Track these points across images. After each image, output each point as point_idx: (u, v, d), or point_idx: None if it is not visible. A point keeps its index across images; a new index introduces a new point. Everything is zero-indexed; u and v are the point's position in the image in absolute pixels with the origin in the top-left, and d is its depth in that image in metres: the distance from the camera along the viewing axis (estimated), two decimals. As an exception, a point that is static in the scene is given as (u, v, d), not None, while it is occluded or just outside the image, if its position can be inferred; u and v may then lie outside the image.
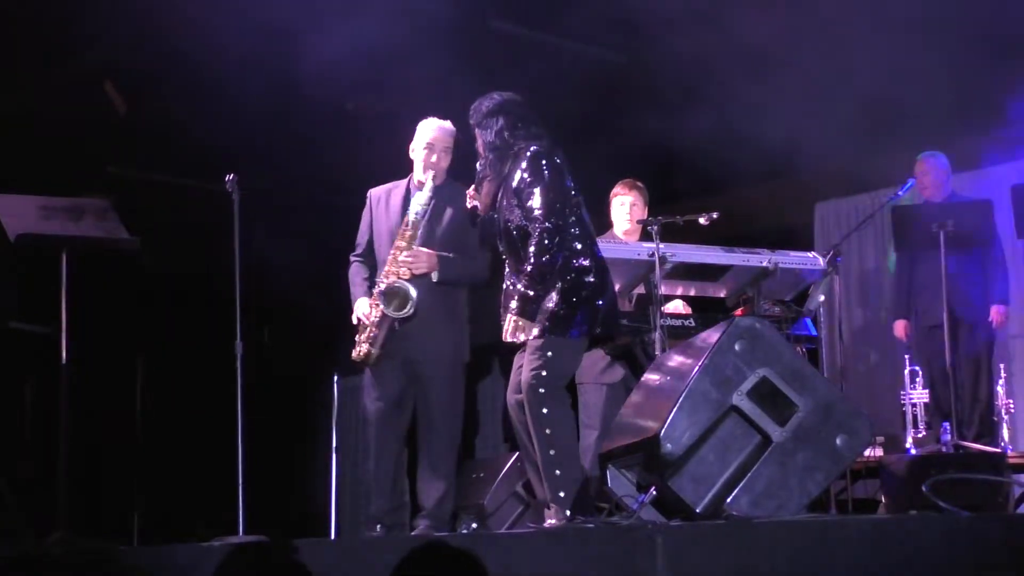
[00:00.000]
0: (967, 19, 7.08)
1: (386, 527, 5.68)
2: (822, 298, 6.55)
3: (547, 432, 4.91)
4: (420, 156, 5.78)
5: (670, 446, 4.37)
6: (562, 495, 4.87)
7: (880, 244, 8.86)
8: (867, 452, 6.66)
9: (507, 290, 5.16)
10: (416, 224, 5.67)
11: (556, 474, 4.89)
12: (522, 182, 5.06)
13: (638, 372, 5.95)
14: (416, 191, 5.76)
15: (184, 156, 8.32)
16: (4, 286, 7.43)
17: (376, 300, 5.65)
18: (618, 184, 6.72)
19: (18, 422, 7.44)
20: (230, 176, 5.89)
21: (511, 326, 5.01)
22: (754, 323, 4.60)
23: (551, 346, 4.95)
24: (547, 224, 4.97)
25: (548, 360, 4.94)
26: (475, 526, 6.21)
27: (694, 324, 6.19)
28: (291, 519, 8.22)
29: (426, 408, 5.70)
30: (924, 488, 4.44)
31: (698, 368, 4.46)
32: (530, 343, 4.99)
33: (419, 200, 5.70)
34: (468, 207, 5.35)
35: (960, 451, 6.77)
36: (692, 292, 6.63)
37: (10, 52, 7.49)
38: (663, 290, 6.09)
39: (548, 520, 4.90)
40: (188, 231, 8.29)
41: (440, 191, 5.77)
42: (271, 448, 8.46)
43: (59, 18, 7.18)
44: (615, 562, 3.41)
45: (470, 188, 5.32)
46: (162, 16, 7.11)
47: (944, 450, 6.80)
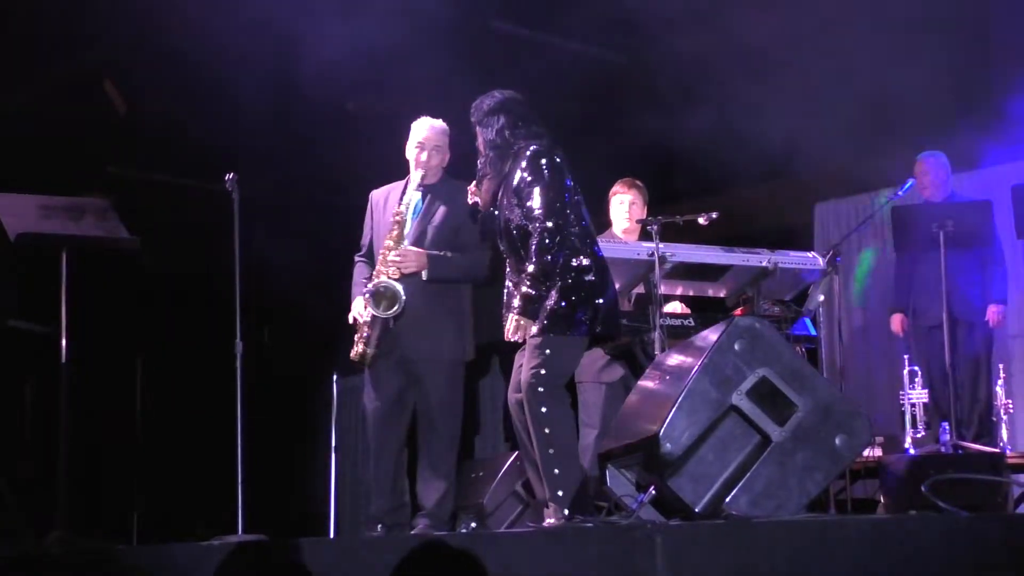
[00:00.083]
0: (967, 19, 7.09)
1: (386, 527, 5.67)
2: (821, 298, 6.55)
3: (546, 431, 4.91)
4: (412, 155, 5.80)
5: (669, 446, 4.37)
6: (561, 494, 4.87)
7: (880, 244, 8.86)
8: (866, 452, 6.66)
9: (508, 289, 5.16)
10: (402, 223, 5.68)
11: (555, 473, 4.89)
12: (522, 181, 5.06)
13: (637, 371, 5.95)
14: (411, 191, 5.77)
15: (184, 156, 8.32)
16: (4, 285, 7.43)
17: (366, 301, 5.65)
18: (617, 183, 6.72)
19: (18, 422, 7.45)
20: (230, 176, 5.90)
21: (513, 325, 5.01)
22: (754, 323, 4.59)
23: (550, 345, 4.95)
24: (548, 224, 4.97)
25: (547, 358, 4.94)
26: (474, 526, 6.20)
27: (694, 324, 6.19)
28: (291, 519, 8.23)
29: (424, 407, 5.70)
30: (923, 488, 4.44)
31: (697, 368, 4.45)
32: (530, 342, 4.99)
33: (405, 199, 5.71)
34: (469, 204, 5.35)
35: (959, 451, 6.77)
36: (692, 292, 6.63)
37: (10, 52, 7.49)
38: (663, 290, 6.09)
39: (547, 519, 4.90)
40: (188, 231, 8.30)
41: (434, 189, 5.77)
42: (271, 448, 8.46)
43: (59, 17, 7.18)
44: (614, 562, 3.40)
45: (471, 185, 5.32)
46: (162, 16, 7.12)
47: (943, 450, 6.80)
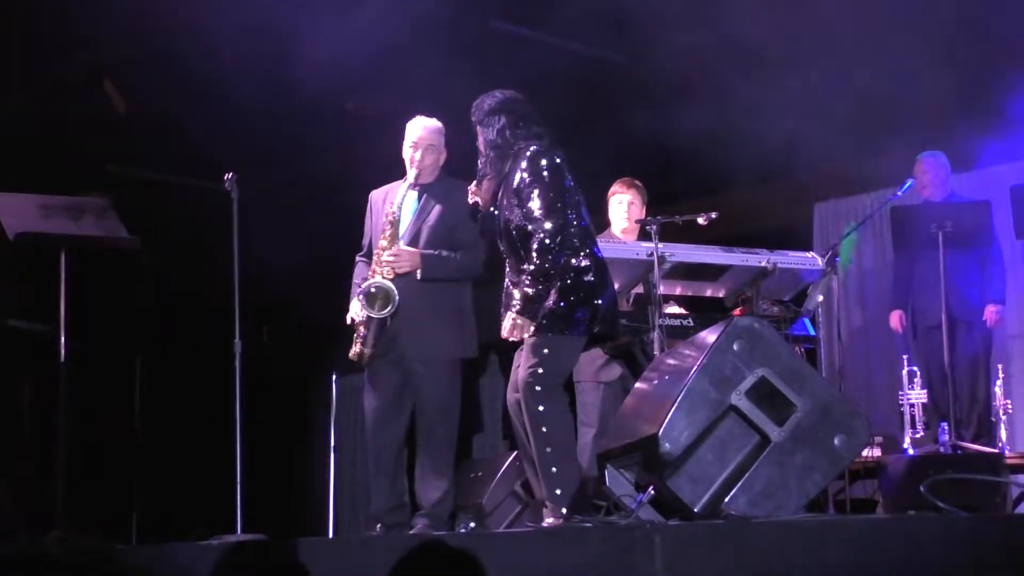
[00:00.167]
0: (966, 19, 7.08)
1: (386, 527, 5.67)
2: (820, 298, 6.55)
3: (543, 429, 4.91)
4: (407, 155, 5.80)
5: (668, 445, 4.37)
6: (558, 492, 4.87)
7: (879, 244, 8.86)
8: (865, 452, 6.66)
9: (507, 289, 5.16)
10: (395, 223, 5.68)
11: (552, 471, 4.90)
12: (522, 182, 5.06)
13: (636, 371, 5.95)
14: (409, 191, 5.77)
15: (184, 156, 8.32)
16: (3, 285, 7.43)
17: (360, 301, 5.65)
18: (616, 183, 6.72)
19: (17, 421, 7.45)
20: (229, 175, 5.90)
21: (510, 323, 5.02)
22: (753, 323, 4.59)
23: (549, 344, 4.96)
24: (548, 224, 4.97)
25: (545, 357, 4.94)
26: (473, 525, 6.20)
27: (692, 324, 6.19)
28: (289, 518, 8.22)
29: (421, 406, 5.70)
30: (922, 488, 4.43)
31: (696, 368, 4.45)
32: (528, 341, 4.99)
33: (398, 199, 5.72)
34: (469, 204, 5.35)
35: (958, 451, 6.77)
36: (691, 292, 6.63)
37: (9, 52, 7.49)
38: (662, 290, 6.09)
39: (546, 519, 4.90)
40: (188, 231, 8.29)
41: (430, 188, 5.77)
42: (270, 447, 8.46)
43: (58, 17, 7.18)
44: (613, 562, 3.41)
45: (471, 184, 5.32)
46: (161, 15, 7.11)
47: (942, 450, 6.79)
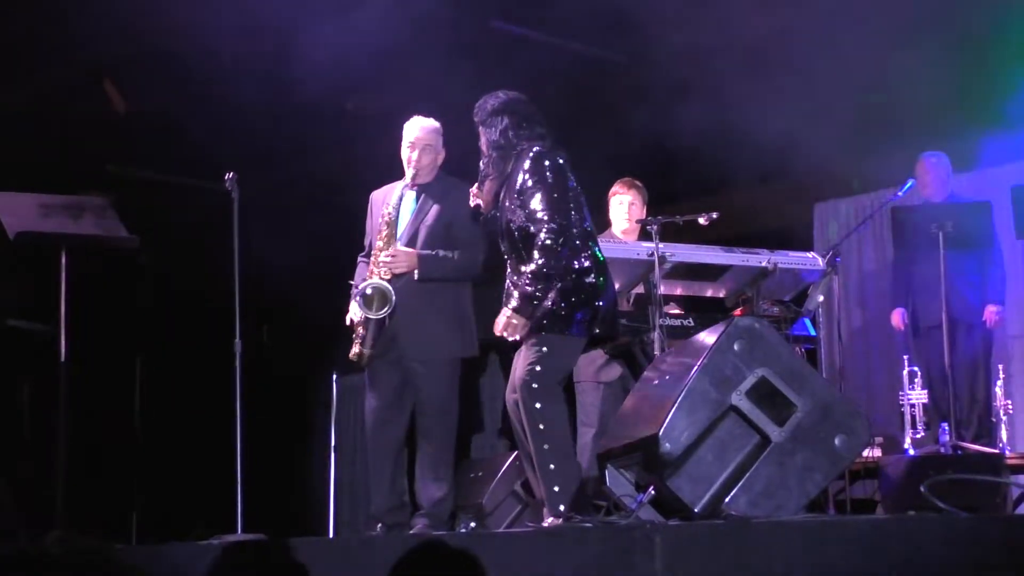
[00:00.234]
0: (966, 18, 7.08)
1: (386, 527, 5.67)
2: (821, 298, 6.55)
3: (541, 427, 4.91)
4: (404, 155, 5.80)
5: (669, 446, 4.37)
6: (557, 490, 4.87)
7: (880, 245, 8.86)
8: (865, 452, 6.66)
9: (508, 289, 5.15)
10: (391, 223, 5.67)
11: (550, 469, 4.89)
12: (525, 183, 5.05)
13: (636, 371, 5.95)
14: (407, 191, 5.77)
15: (184, 156, 8.31)
16: (3, 285, 7.43)
17: (358, 302, 5.65)
18: (617, 183, 6.72)
19: (16, 421, 7.45)
20: (230, 175, 5.89)
21: (503, 320, 5.01)
22: (753, 323, 4.59)
23: (548, 343, 4.96)
24: (551, 225, 4.96)
25: (544, 356, 4.94)
26: (473, 525, 6.20)
27: (693, 324, 6.19)
28: (289, 518, 8.22)
29: (420, 406, 5.69)
30: (922, 489, 4.44)
31: (697, 368, 4.45)
32: (528, 341, 4.99)
33: (394, 199, 5.71)
34: (471, 206, 5.34)
35: (958, 452, 6.77)
36: (691, 292, 6.62)
37: (9, 52, 7.49)
38: (662, 290, 6.09)
39: (546, 520, 4.90)
40: (188, 230, 8.29)
41: (428, 188, 5.77)
42: (270, 447, 8.46)
43: (58, 18, 7.17)
44: (613, 562, 3.41)
45: (473, 187, 5.31)
46: (161, 15, 7.11)
47: (942, 451, 6.79)
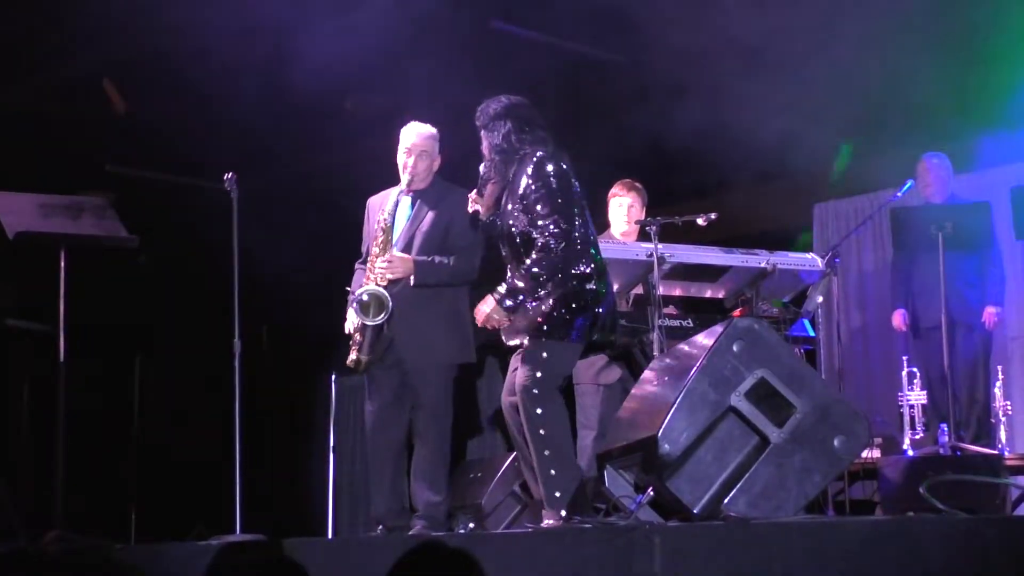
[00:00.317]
0: (966, 18, 7.09)
1: (387, 529, 5.67)
2: (820, 299, 6.55)
3: (541, 432, 4.91)
4: (400, 160, 5.80)
5: (668, 447, 4.37)
6: (557, 495, 4.87)
7: (879, 246, 8.87)
8: (865, 453, 6.66)
9: None
10: (387, 229, 5.67)
11: (551, 474, 4.89)
12: (528, 187, 5.05)
13: (636, 373, 5.94)
14: (402, 196, 5.77)
15: (184, 156, 8.31)
16: (3, 284, 7.43)
17: (355, 308, 5.64)
18: (616, 184, 6.71)
19: (16, 420, 7.45)
20: (229, 175, 5.89)
21: (486, 309, 5.02)
22: (752, 324, 4.60)
23: (547, 349, 4.95)
24: (554, 229, 4.96)
25: (543, 362, 4.94)
26: (472, 526, 6.19)
27: (692, 325, 6.19)
28: (289, 518, 8.22)
29: (415, 410, 5.69)
30: (921, 490, 4.45)
31: (696, 369, 4.46)
32: (526, 345, 4.99)
33: (390, 205, 5.71)
34: (469, 211, 5.34)
35: (958, 453, 6.77)
36: (691, 293, 6.62)
37: (9, 52, 7.49)
38: (661, 291, 6.09)
39: (545, 520, 4.90)
40: (188, 230, 8.29)
41: (423, 194, 5.76)
42: (269, 447, 8.46)
43: (58, 18, 7.17)
44: (612, 562, 3.41)
45: (472, 192, 5.31)
46: (161, 15, 7.11)
47: (942, 452, 6.80)
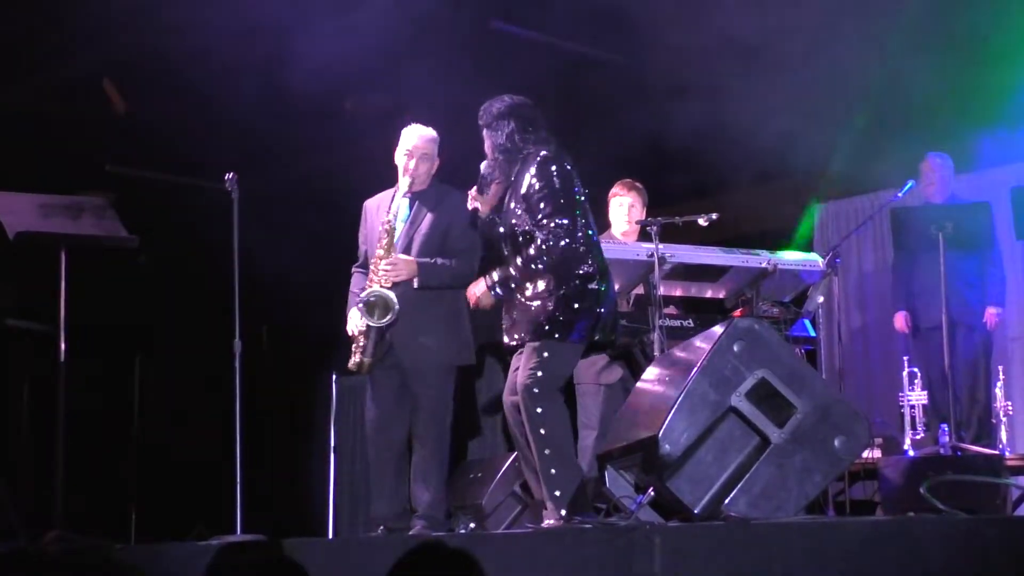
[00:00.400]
0: (966, 19, 7.09)
1: (387, 530, 5.66)
2: (821, 299, 6.55)
3: (542, 432, 4.91)
4: (401, 163, 5.79)
5: (668, 447, 4.37)
6: (558, 494, 4.87)
7: (880, 246, 8.87)
8: (865, 454, 6.66)
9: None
10: (391, 231, 5.67)
11: (552, 473, 4.89)
12: (531, 187, 5.05)
13: (636, 373, 5.94)
14: (399, 198, 5.76)
15: (184, 156, 8.31)
16: (3, 285, 7.43)
17: (360, 310, 5.64)
18: (616, 184, 6.71)
19: (16, 420, 7.45)
20: (230, 175, 5.89)
21: (478, 288, 5.14)
22: (753, 324, 4.60)
23: (548, 349, 4.96)
24: (557, 230, 4.95)
25: (544, 361, 4.94)
26: (472, 526, 6.19)
27: (693, 325, 6.19)
28: (289, 518, 8.21)
29: (416, 411, 5.69)
30: (922, 490, 4.44)
31: (697, 369, 4.46)
32: (528, 345, 5.00)
33: (400, 207, 5.71)
34: (468, 209, 5.34)
35: (958, 453, 6.77)
36: (691, 293, 6.62)
37: (10, 52, 7.48)
38: (662, 291, 6.09)
39: (546, 520, 4.90)
40: (188, 230, 8.28)
41: (422, 196, 5.76)
42: (270, 447, 8.45)
43: (58, 17, 7.17)
44: (613, 563, 3.41)
45: (471, 190, 5.31)
46: (161, 15, 7.11)
47: (942, 452, 6.79)
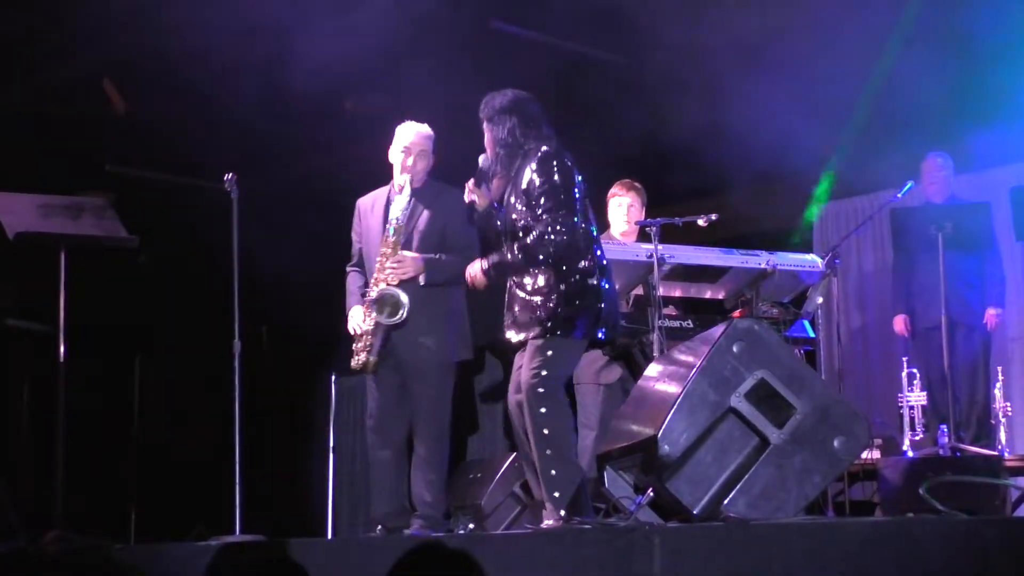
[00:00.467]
0: (965, 19, 7.09)
1: (387, 530, 5.67)
2: (820, 300, 6.55)
3: (544, 432, 4.90)
4: (398, 160, 5.78)
5: (668, 447, 4.37)
6: (558, 495, 4.86)
7: (879, 247, 8.87)
8: (864, 454, 6.65)
9: (510, 289, 5.15)
10: (398, 230, 5.67)
11: (552, 474, 4.88)
12: (532, 182, 5.05)
13: (635, 373, 5.94)
14: (396, 196, 5.77)
15: (184, 156, 8.31)
16: (3, 285, 7.43)
17: (368, 308, 5.64)
18: (616, 185, 6.71)
19: (16, 420, 7.44)
20: (229, 175, 5.89)
21: (474, 269, 5.16)
22: (752, 324, 4.60)
23: (551, 346, 4.95)
24: (556, 225, 4.94)
25: (548, 360, 4.93)
26: (472, 527, 6.19)
27: (692, 325, 6.19)
28: (289, 518, 8.21)
29: (415, 409, 5.69)
30: (921, 491, 4.44)
31: (696, 369, 4.46)
32: (530, 343, 4.99)
33: (399, 205, 5.70)
34: (466, 200, 5.32)
35: (957, 454, 6.77)
36: (691, 294, 6.62)
37: (10, 52, 7.48)
38: (661, 291, 6.09)
39: (545, 521, 4.90)
40: (188, 230, 8.29)
41: (418, 193, 5.76)
42: (269, 447, 8.45)
43: (58, 18, 7.17)
44: (612, 563, 3.41)
45: (469, 181, 5.29)
46: (161, 15, 7.11)
47: (941, 452, 6.79)
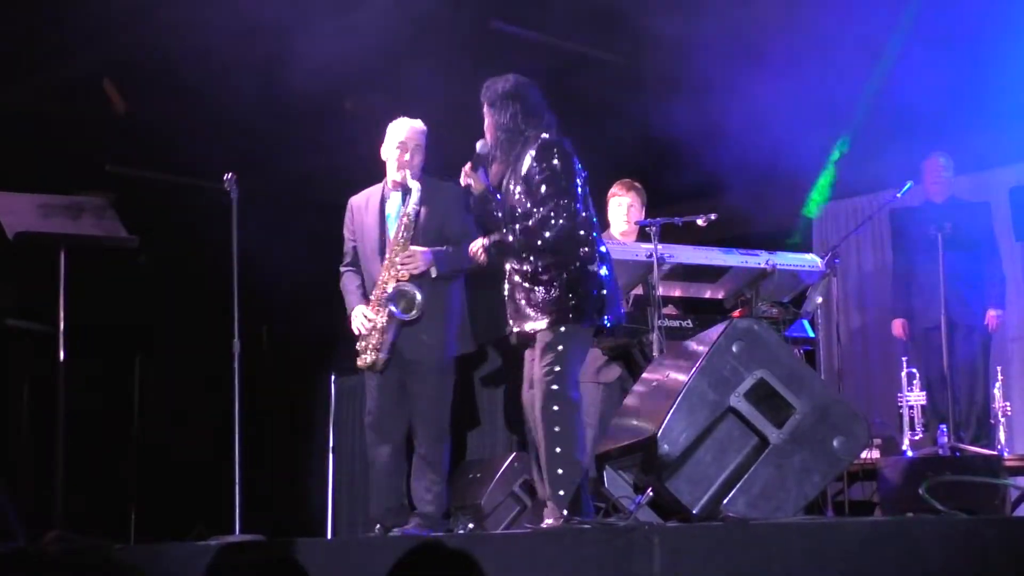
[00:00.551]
0: (965, 19, 7.10)
1: (385, 528, 5.67)
2: (820, 300, 6.55)
3: (556, 430, 4.90)
4: (394, 156, 5.78)
5: (667, 447, 4.37)
6: (562, 494, 4.86)
7: (879, 247, 8.87)
8: (864, 454, 6.65)
9: (510, 276, 5.13)
10: (409, 226, 5.66)
11: (558, 473, 4.88)
12: (532, 169, 5.04)
13: (635, 373, 5.94)
14: (391, 192, 5.76)
15: (184, 156, 8.31)
16: (3, 285, 7.43)
17: (378, 304, 5.62)
18: (615, 184, 6.71)
19: (16, 420, 7.44)
20: (229, 175, 5.89)
21: (476, 246, 5.15)
22: (752, 324, 4.60)
23: (561, 340, 4.94)
24: (556, 210, 4.94)
25: (559, 355, 4.92)
26: (471, 526, 6.20)
27: (692, 325, 6.19)
28: (288, 518, 8.22)
29: (415, 406, 5.70)
30: (921, 490, 4.44)
31: (696, 369, 4.46)
32: (540, 337, 4.97)
33: (412, 200, 5.69)
34: (462, 183, 5.29)
35: (957, 453, 6.78)
36: (690, 293, 6.62)
37: (9, 52, 7.48)
38: (661, 291, 6.09)
39: (545, 520, 4.90)
40: (188, 230, 8.29)
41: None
42: (269, 447, 8.45)
43: (58, 17, 7.17)
44: (611, 563, 3.41)
45: (466, 165, 5.27)
46: (161, 15, 7.11)
47: (941, 452, 6.80)
